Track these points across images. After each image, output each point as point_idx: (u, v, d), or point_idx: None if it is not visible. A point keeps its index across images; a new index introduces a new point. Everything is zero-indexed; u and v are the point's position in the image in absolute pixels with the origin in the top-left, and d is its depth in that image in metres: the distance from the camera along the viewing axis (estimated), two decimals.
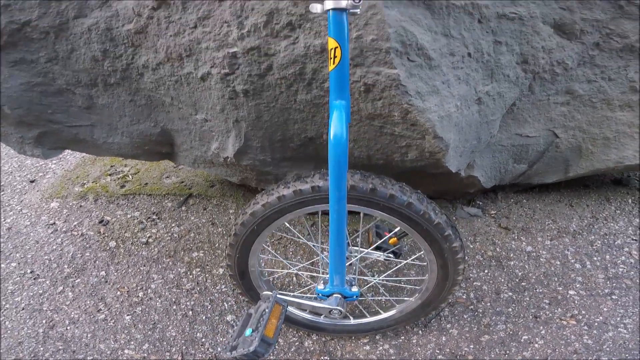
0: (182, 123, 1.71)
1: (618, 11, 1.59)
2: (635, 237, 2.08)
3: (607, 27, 1.62)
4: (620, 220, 2.19)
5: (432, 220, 1.26)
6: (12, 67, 1.63)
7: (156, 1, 1.36)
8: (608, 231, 2.12)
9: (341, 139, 1.02)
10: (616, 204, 2.29)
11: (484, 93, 1.52)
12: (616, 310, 1.74)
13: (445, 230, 1.28)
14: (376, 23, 1.19)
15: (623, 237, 2.08)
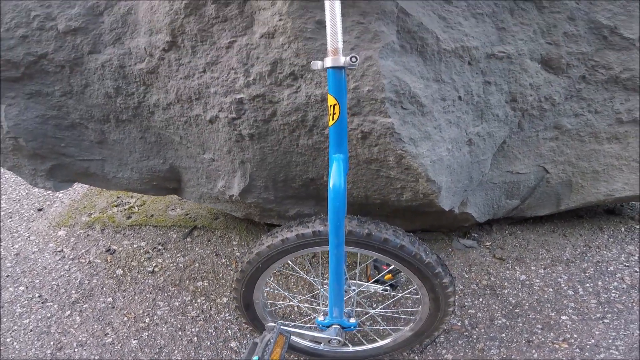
0: (190, 161, 1.83)
1: (602, 42, 1.72)
2: (628, 263, 2.17)
3: (592, 60, 1.75)
4: (613, 248, 2.29)
5: (423, 260, 1.39)
6: (28, 99, 1.76)
7: (167, 43, 1.50)
8: (601, 259, 2.22)
9: (339, 190, 1.14)
10: (609, 233, 2.40)
11: (474, 134, 1.65)
12: (608, 333, 1.82)
13: (436, 268, 1.41)
14: (372, 74, 1.33)
15: (616, 263, 2.18)
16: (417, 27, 1.37)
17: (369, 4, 1.29)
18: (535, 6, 1.59)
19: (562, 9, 1.62)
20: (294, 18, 1.31)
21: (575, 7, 1.64)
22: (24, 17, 1.63)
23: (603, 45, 1.74)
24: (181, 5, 1.43)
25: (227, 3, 1.39)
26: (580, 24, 1.67)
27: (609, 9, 1.69)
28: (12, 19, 1.63)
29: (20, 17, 1.63)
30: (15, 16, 1.63)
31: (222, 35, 1.43)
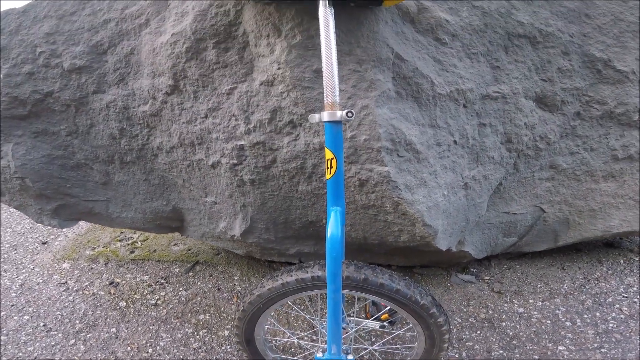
0: (192, 203, 1.88)
1: (596, 76, 1.76)
2: (626, 294, 2.18)
3: (586, 95, 1.79)
4: (612, 280, 2.30)
5: (418, 302, 1.43)
6: (34, 138, 1.81)
7: (169, 86, 1.55)
8: (600, 290, 2.22)
9: (336, 241, 1.18)
10: (608, 265, 2.42)
11: (470, 178, 1.69)
12: None
13: (431, 309, 1.45)
14: (368, 124, 1.37)
15: (614, 295, 2.19)
16: (412, 72, 1.42)
17: (365, 51, 1.34)
18: (530, 42, 1.64)
19: (556, 44, 1.67)
20: (292, 67, 1.36)
21: (569, 41, 1.68)
22: (29, 53, 1.68)
23: (597, 80, 1.78)
24: (182, 49, 1.49)
25: (227, 48, 1.45)
26: (574, 58, 1.72)
27: (602, 40, 1.74)
28: (19, 54, 1.69)
29: (26, 53, 1.68)
30: (21, 52, 1.69)
31: (223, 81, 1.49)
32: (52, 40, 1.67)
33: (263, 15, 1.36)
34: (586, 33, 1.73)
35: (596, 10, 1.74)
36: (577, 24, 1.72)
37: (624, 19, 1.77)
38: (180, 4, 1.51)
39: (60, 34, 1.66)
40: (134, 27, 1.60)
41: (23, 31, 1.70)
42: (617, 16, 1.76)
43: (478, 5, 1.54)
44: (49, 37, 1.67)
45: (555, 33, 1.67)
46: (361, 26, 1.34)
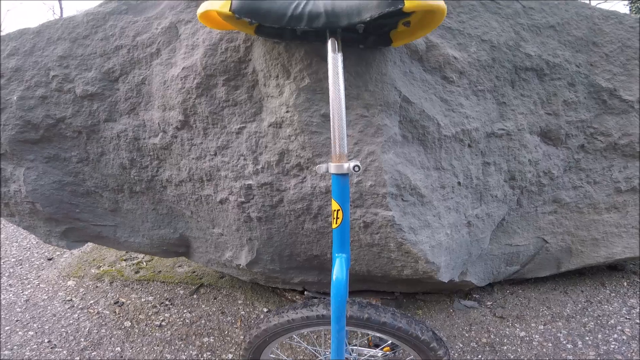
0: (199, 232, 1.90)
1: (602, 106, 1.79)
2: (629, 316, 2.20)
3: (591, 127, 1.81)
4: (614, 302, 2.32)
5: (419, 337, 1.47)
6: (46, 164, 1.84)
7: (180, 122, 1.57)
8: (602, 313, 2.24)
9: (341, 286, 1.20)
10: (611, 288, 2.44)
11: (473, 216, 1.70)
12: None
13: (431, 343, 1.49)
14: (374, 170, 1.39)
15: (617, 317, 2.21)
16: (419, 115, 1.44)
17: (372, 95, 1.36)
18: (537, 75, 1.66)
19: (563, 75, 1.69)
20: (300, 111, 1.38)
21: (575, 71, 1.71)
22: (43, 77, 1.71)
23: (602, 110, 1.80)
24: (193, 84, 1.51)
25: (236, 86, 1.47)
26: (580, 89, 1.74)
27: (608, 69, 1.76)
28: (32, 77, 1.71)
29: (39, 76, 1.71)
30: (35, 74, 1.71)
31: (233, 119, 1.51)
32: (65, 64, 1.69)
33: (272, 55, 1.38)
34: (593, 62, 1.75)
35: (604, 38, 1.77)
36: (584, 52, 1.74)
37: (631, 45, 1.80)
38: (191, 36, 1.53)
39: (73, 58, 1.69)
40: (145, 56, 1.62)
41: (37, 52, 1.73)
42: (624, 43, 1.79)
43: (487, 39, 1.56)
44: (62, 60, 1.69)
45: (563, 64, 1.69)
46: (370, 68, 1.35)
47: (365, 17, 1.12)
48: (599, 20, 1.76)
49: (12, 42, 1.77)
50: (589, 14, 1.75)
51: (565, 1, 1.72)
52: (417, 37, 1.28)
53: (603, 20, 1.77)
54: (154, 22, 1.61)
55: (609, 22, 1.78)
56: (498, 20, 1.59)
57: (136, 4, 1.66)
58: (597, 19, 1.76)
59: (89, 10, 1.71)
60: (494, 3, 1.59)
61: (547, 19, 1.67)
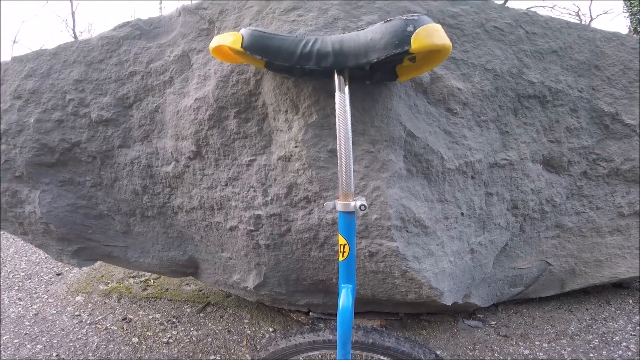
0: (208, 255, 1.99)
1: (604, 131, 1.87)
2: (634, 332, 2.26)
3: (593, 153, 1.89)
4: (619, 319, 2.39)
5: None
6: (60, 187, 1.94)
7: (192, 152, 1.66)
8: (607, 330, 2.31)
9: (347, 312, 1.29)
10: (616, 305, 2.51)
11: (476, 244, 1.79)
12: None
13: None
14: (379, 204, 1.48)
15: (622, 333, 2.27)
16: (423, 149, 1.53)
17: (378, 131, 1.45)
18: (539, 102, 1.75)
19: (565, 101, 1.78)
20: (309, 147, 1.47)
21: (577, 97, 1.79)
22: (59, 100, 1.81)
23: (604, 135, 1.88)
24: (205, 116, 1.60)
25: (247, 119, 1.56)
26: (582, 114, 1.82)
27: (610, 93, 1.84)
28: (49, 99, 1.82)
29: (56, 99, 1.81)
30: (52, 97, 1.81)
31: (243, 152, 1.60)
32: (81, 88, 1.79)
33: (282, 90, 1.47)
34: (595, 86, 1.83)
35: (606, 61, 1.84)
36: (586, 77, 1.82)
37: (633, 67, 1.87)
38: (203, 66, 1.62)
39: (89, 82, 1.78)
40: (158, 84, 1.71)
41: (54, 75, 1.83)
42: (626, 65, 1.87)
43: (490, 67, 1.64)
44: (78, 84, 1.79)
45: (565, 89, 1.77)
46: (376, 104, 1.44)
47: (372, 58, 1.21)
48: (600, 43, 1.84)
49: (30, 63, 1.87)
50: (591, 37, 1.83)
51: (567, 24, 1.79)
52: (422, 71, 1.37)
53: (605, 42, 1.85)
54: (166, 50, 1.70)
55: (610, 45, 1.86)
56: (501, 48, 1.67)
57: (149, 30, 1.76)
58: (599, 42, 1.84)
59: (103, 34, 1.80)
60: (497, 30, 1.67)
61: (549, 43, 1.75)
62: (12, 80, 1.90)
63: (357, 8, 1.52)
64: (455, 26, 1.61)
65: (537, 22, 1.75)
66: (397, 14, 1.53)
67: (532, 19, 1.74)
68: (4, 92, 1.92)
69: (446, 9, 1.61)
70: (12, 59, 1.94)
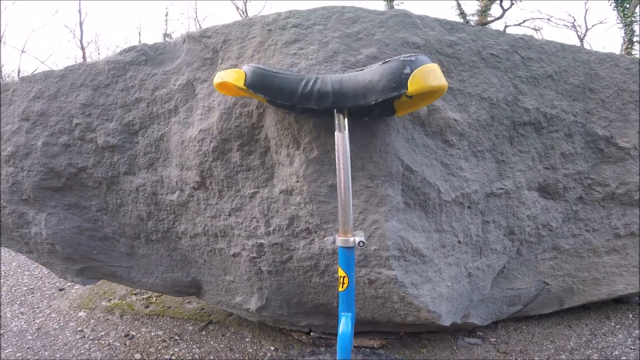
0: (211, 278, 2.11)
1: (598, 156, 1.98)
2: (634, 346, 2.36)
3: (588, 178, 2.00)
4: (619, 334, 2.49)
5: None
6: (67, 210, 2.05)
7: (196, 182, 1.78)
8: (606, 344, 2.40)
9: (346, 339, 1.42)
10: (616, 320, 2.61)
11: (473, 268, 1.90)
12: None
13: None
14: (378, 236, 1.59)
15: (621, 347, 2.37)
16: (420, 183, 1.64)
17: (377, 166, 1.56)
18: (534, 128, 1.86)
19: (560, 126, 1.88)
20: (309, 182, 1.58)
21: (572, 121, 1.90)
22: (66, 123, 1.92)
23: (599, 160, 1.99)
24: (209, 147, 1.71)
25: (250, 152, 1.68)
26: (577, 139, 1.93)
27: (605, 116, 1.95)
28: (57, 122, 1.93)
29: (63, 123, 1.92)
30: (59, 120, 1.93)
31: (246, 184, 1.71)
32: (88, 113, 1.91)
33: (283, 125, 1.58)
34: (590, 110, 1.94)
35: (600, 83, 1.95)
36: (581, 100, 1.93)
37: (626, 88, 1.98)
38: (207, 97, 1.74)
39: (95, 107, 1.90)
40: (163, 112, 1.83)
41: (61, 98, 1.94)
42: (620, 86, 1.97)
43: (486, 96, 1.75)
44: (85, 108, 1.91)
45: (560, 115, 1.88)
46: (374, 139, 1.55)
47: (370, 100, 1.33)
48: (595, 65, 1.95)
49: (38, 85, 1.99)
50: (585, 59, 1.94)
51: (562, 47, 1.90)
52: (420, 106, 1.49)
53: (599, 64, 1.96)
54: (171, 78, 1.82)
55: (604, 66, 1.96)
56: (497, 75, 1.78)
57: (154, 56, 1.87)
58: (593, 64, 1.95)
59: (109, 58, 1.92)
60: (493, 57, 1.78)
61: (545, 68, 1.86)
62: (20, 101, 2.02)
63: (356, 41, 1.63)
64: (453, 55, 1.72)
65: (533, 46, 1.86)
66: (396, 45, 1.64)
67: (527, 44, 1.85)
68: (12, 113, 2.03)
69: (444, 38, 1.72)
70: (20, 79, 2.06)
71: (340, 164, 1.36)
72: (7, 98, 2.06)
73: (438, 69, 1.32)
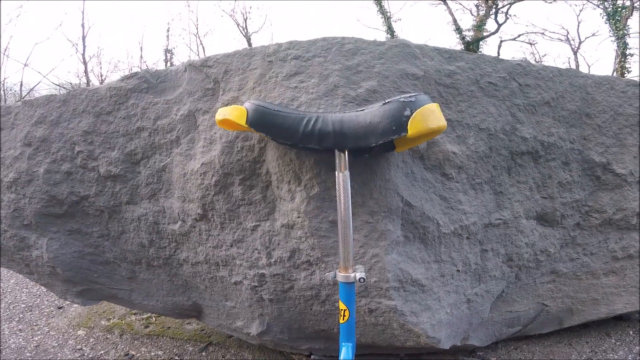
0: (212, 303, 2.21)
1: (596, 183, 2.08)
2: None
3: (586, 205, 2.11)
4: (619, 350, 2.59)
5: None
6: (68, 235, 2.16)
7: (198, 214, 1.88)
8: None
9: None
10: (617, 337, 2.72)
11: (472, 294, 2.01)
12: None
13: None
14: (378, 269, 1.70)
15: None
16: (420, 217, 1.74)
17: (377, 202, 1.66)
18: (532, 158, 1.96)
19: (558, 155, 1.99)
20: (311, 218, 1.68)
21: (569, 149, 2.00)
22: (68, 150, 2.02)
23: (596, 187, 2.09)
24: (211, 181, 1.81)
25: (251, 186, 1.78)
26: (574, 167, 2.03)
27: (601, 142, 2.05)
28: (59, 149, 2.03)
29: (65, 150, 2.02)
30: (61, 147, 2.03)
31: (248, 217, 1.82)
32: (90, 140, 2.00)
33: (285, 161, 1.68)
34: (586, 136, 2.04)
35: (596, 108, 2.05)
36: (577, 126, 2.03)
37: (622, 112, 2.08)
38: (209, 129, 1.84)
39: (98, 135, 2.00)
40: (165, 143, 1.92)
41: (63, 124, 2.04)
42: (616, 110, 2.07)
43: (484, 127, 1.85)
44: (87, 135, 2.00)
45: (557, 142, 1.98)
46: (374, 176, 1.66)
47: (371, 142, 1.43)
48: (591, 89, 2.05)
49: (40, 109, 2.08)
50: (582, 83, 2.04)
51: (559, 72, 1.99)
52: (419, 143, 1.59)
53: (595, 88, 2.06)
54: (173, 107, 1.91)
55: (601, 90, 2.07)
56: (495, 104, 1.88)
57: (156, 84, 1.97)
58: (589, 88, 2.05)
59: (111, 85, 2.01)
60: (491, 86, 1.88)
61: (542, 95, 1.96)
62: (22, 125, 2.12)
63: (356, 74, 1.73)
64: (451, 85, 1.82)
65: (530, 72, 1.96)
66: (395, 78, 1.74)
67: (525, 70, 1.95)
68: (14, 138, 2.13)
69: (443, 68, 1.82)
70: (23, 102, 2.15)
71: (341, 203, 1.46)
72: (9, 122, 2.16)
73: (437, 109, 1.41)
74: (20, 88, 17.04)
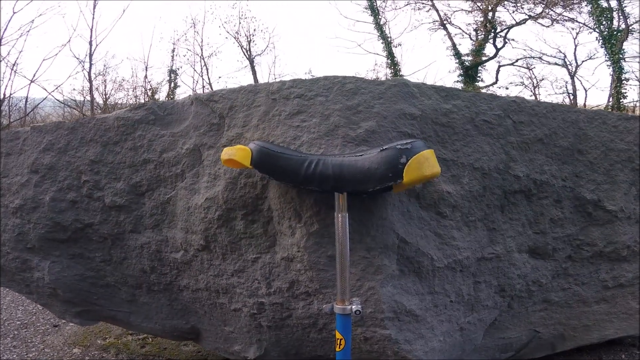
0: (210, 327, 2.43)
1: (587, 219, 2.29)
2: None
3: (577, 239, 2.32)
4: None
5: None
6: (70, 259, 2.37)
7: (201, 245, 2.10)
8: None
9: None
10: None
11: (465, 323, 2.23)
12: None
13: None
14: (374, 301, 1.92)
15: None
16: (414, 252, 1.97)
17: (374, 239, 1.88)
18: (525, 196, 2.17)
19: (550, 192, 2.19)
20: (310, 252, 1.90)
21: (561, 186, 2.20)
22: (75, 179, 2.21)
23: (587, 223, 2.30)
24: (214, 215, 2.03)
25: (253, 220, 2.00)
26: (566, 204, 2.24)
27: (593, 178, 2.26)
28: (65, 178, 2.22)
29: (71, 179, 2.21)
30: (67, 175, 2.22)
31: (249, 249, 2.03)
32: (96, 170, 2.20)
33: (286, 199, 1.90)
34: (578, 173, 2.24)
35: (589, 144, 2.25)
36: (570, 163, 2.23)
37: (614, 147, 2.28)
38: (213, 164, 2.05)
39: (104, 165, 2.20)
40: (170, 176, 2.13)
41: (70, 152, 2.23)
42: (607, 146, 2.28)
43: (479, 166, 2.06)
44: (94, 165, 2.20)
45: (549, 180, 2.19)
46: (372, 215, 1.87)
47: (369, 187, 1.65)
48: (584, 125, 2.25)
49: (48, 136, 2.28)
50: (574, 119, 2.24)
51: (552, 108, 2.19)
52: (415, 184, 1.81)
53: (588, 123, 2.26)
54: (179, 140, 2.12)
55: (593, 125, 2.27)
56: (490, 142, 2.09)
57: (163, 116, 2.17)
58: (582, 123, 2.25)
59: (119, 115, 2.21)
60: (486, 124, 2.09)
61: (535, 132, 2.16)
62: (30, 151, 2.31)
63: (356, 114, 1.94)
64: (447, 124, 2.03)
65: (524, 109, 2.16)
66: (394, 118, 1.95)
67: (519, 107, 2.16)
68: (21, 164, 2.33)
69: (439, 107, 2.03)
70: (31, 128, 2.34)
71: (339, 243, 1.68)
72: (17, 147, 2.36)
73: (432, 155, 1.63)
74: (25, 104, 17.24)
